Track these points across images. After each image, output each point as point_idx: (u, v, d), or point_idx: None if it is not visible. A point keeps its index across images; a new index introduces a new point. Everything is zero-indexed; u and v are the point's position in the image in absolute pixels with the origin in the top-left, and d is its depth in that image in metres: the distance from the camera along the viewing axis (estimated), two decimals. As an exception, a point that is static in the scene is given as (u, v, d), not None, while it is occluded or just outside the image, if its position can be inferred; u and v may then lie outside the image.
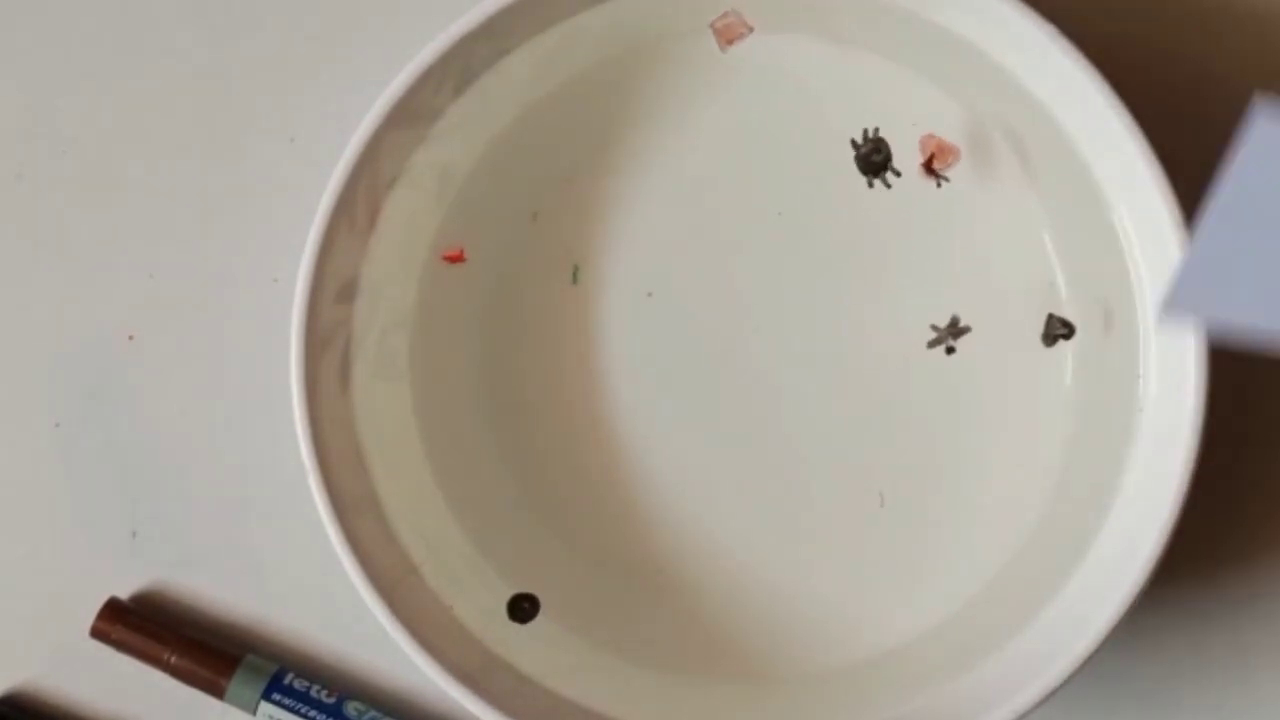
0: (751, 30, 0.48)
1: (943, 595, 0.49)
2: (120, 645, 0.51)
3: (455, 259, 0.50)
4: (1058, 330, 0.47)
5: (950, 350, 0.47)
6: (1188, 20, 0.50)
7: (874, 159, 0.47)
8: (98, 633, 0.51)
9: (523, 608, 0.49)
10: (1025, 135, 0.48)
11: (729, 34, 0.47)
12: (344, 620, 0.51)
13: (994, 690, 0.46)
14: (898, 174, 0.47)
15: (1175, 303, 0.35)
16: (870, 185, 0.47)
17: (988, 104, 0.49)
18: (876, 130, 0.48)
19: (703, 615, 0.50)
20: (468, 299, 0.50)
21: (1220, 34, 0.50)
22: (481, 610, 0.49)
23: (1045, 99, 0.47)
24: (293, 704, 0.50)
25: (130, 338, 0.52)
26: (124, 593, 0.52)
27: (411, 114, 0.47)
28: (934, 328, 0.47)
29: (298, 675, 0.51)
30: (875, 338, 0.50)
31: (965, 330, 0.47)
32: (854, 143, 0.47)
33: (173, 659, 0.51)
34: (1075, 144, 0.47)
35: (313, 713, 0.50)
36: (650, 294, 0.50)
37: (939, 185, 0.49)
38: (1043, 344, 0.48)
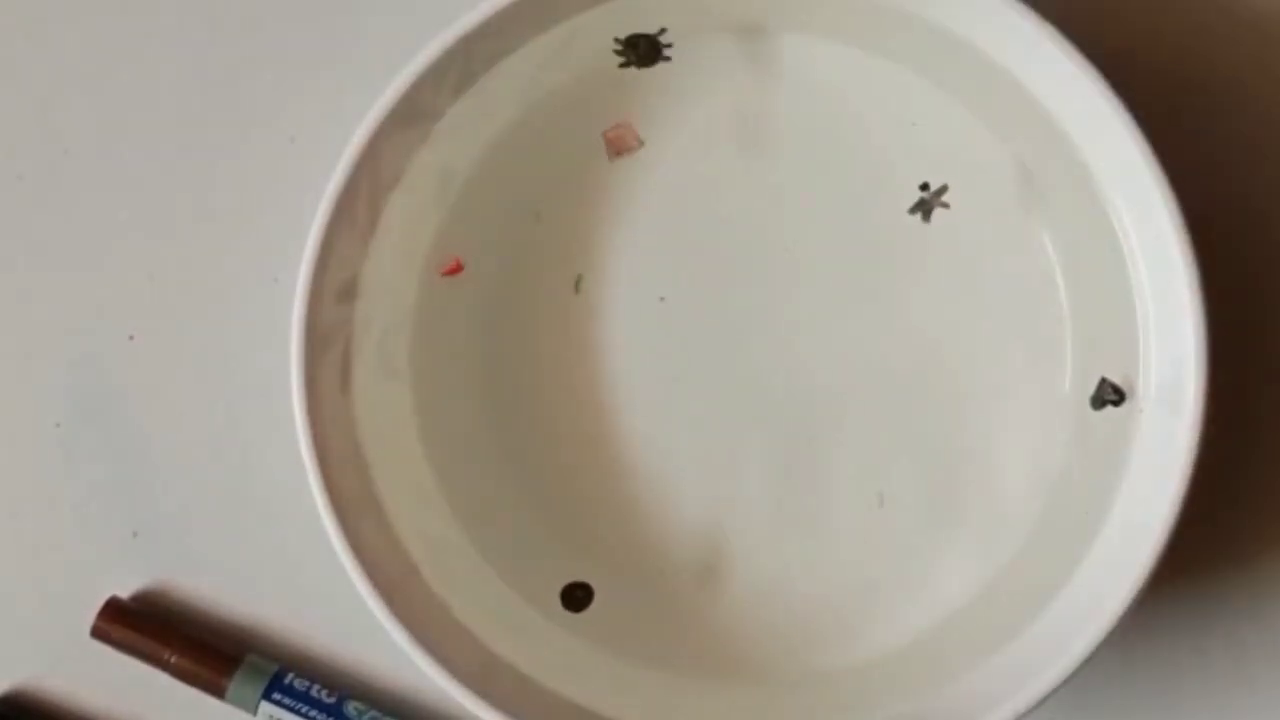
0: (641, 145, 0.49)
1: (942, 595, 0.49)
2: (120, 645, 0.51)
3: (453, 272, 0.50)
4: (1108, 395, 0.47)
5: (928, 214, 0.47)
6: (1189, 20, 0.50)
7: (640, 43, 0.48)
8: (98, 633, 0.51)
9: (576, 596, 0.50)
10: (1031, 148, 0.48)
11: (619, 145, 0.48)
12: (344, 620, 0.51)
13: (993, 691, 0.46)
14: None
15: None
16: None
17: (1000, 117, 0.49)
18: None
19: (703, 615, 0.50)
20: (469, 299, 0.50)
21: (1221, 34, 0.50)
22: (481, 610, 0.49)
23: (1051, 106, 0.47)
24: (293, 704, 0.50)
25: (130, 338, 0.52)
26: (124, 593, 0.52)
27: (411, 114, 0.47)
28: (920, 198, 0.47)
29: (298, 675, 0.51)
30: (879, 339, 0.50)
31: (943, 190, 0.46)
32: None
33: (173, 659, 0.51)
34: (1077, 149, 0.47)
35: (313, 713, 0.50)
36: (663, 299, 0.50)
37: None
38: (1091, 407, 0.48)
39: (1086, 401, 0.49)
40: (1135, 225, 0.46)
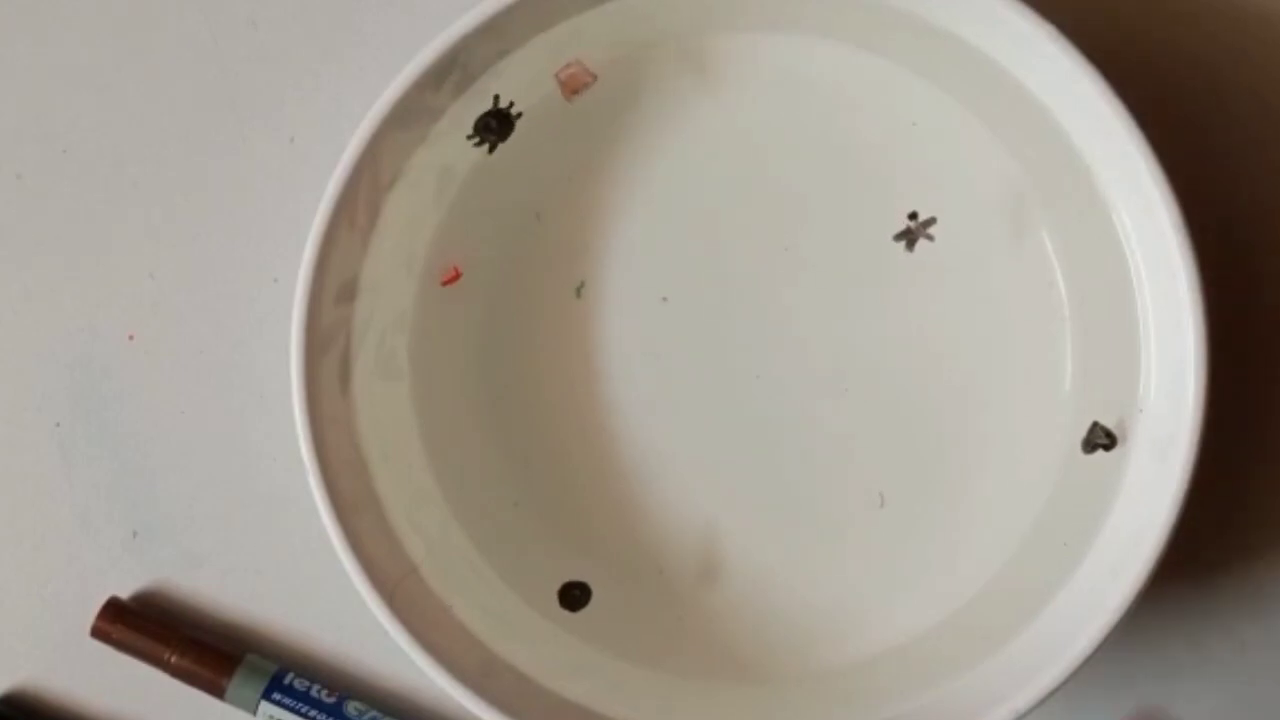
0: (595, 78, 0.48)
1: (943, 595, 0.49)
2: (120, 645, 0.51)
3: (452, 280, 0.50)
4: (1099, 439, 0.47)
5: (912, 245, 0.47)
6: (1189, 20, 0.50)
7: (491, 122, 0.48)
8: (98, 633, 0.51)
9: (573, 595, 0.50)
10: (1031, 148, 0.48)
11: (573, 84, 0.48)
12: (344, 620, 0.51)
13: (994, 690, 0.46)
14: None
15: None
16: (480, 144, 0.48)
17: (995, 111, 0.49)
18: (510, 104, 0.48)
19: (703, 615, 0.50)
20: (469, 299, 0.50)
21: (1222, 34, 0.50)
22: (482, 610, 0.49)
23: (1051, 106, 0.47)
24: (293, 704, 0.50)
25: (130, 338, 0.52)
26: (124, 593, 0.52)
27: (411, 114, 0.47)
28: (907, 229, 0.47)
29: (298, 675, 0.51)
30: (881, 339, 0.50)
31: (931, 220, 0.47)
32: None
33: (173, 659, 0.51)
34: (1078, 149, 0.47)
35: (313, 713, 0.50)
36: (665, 299, 0.50)
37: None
38: (1081, 450, 0.48)
39: (1086, 400, 0.49)
40: (1135, 225, 0.46)
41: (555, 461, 0.50)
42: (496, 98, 0.47)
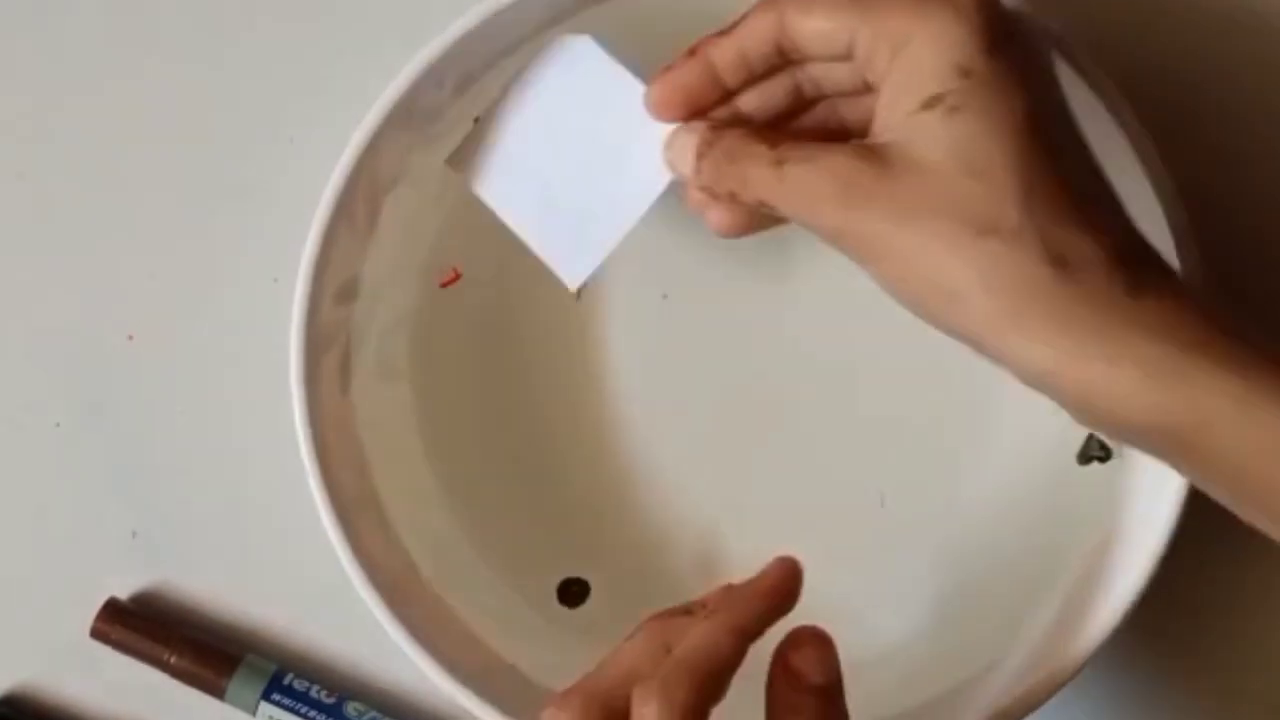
0: None
1: (941, 596, 0.49)
2: (120, 645, 0.51)
3: (451, 282, 0.50)
4: (1094, 452, 0.48)
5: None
6: (1189, 19, 0.50)
7: None
8: (98, 633, 0.51)
9: (572, 591, 0.50)
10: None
11: None
12: (344, 620, 0.51)
13: (993, 691, 0.46)
14: None
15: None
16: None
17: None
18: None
19: (703, 615, 0.50)
20: (469, 298, 0.50)
21: (1222, 34, 0.51)
22: (481, 610, 0.49)
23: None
24: (293, 704, 0.50)
25: (130, 338, 0.52)
26: (124, 593, 0.52)
27: (411, 114, 0.47)
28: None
29: (298, 675, 0.51)
30: (881, 338, 0.50)
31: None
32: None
33: (173, 659, 0.51)
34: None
35: (313, 713, 0.50)
36: (666, 296, 0.50)
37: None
38: (1077, 462, 0.48)
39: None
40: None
41: (555, 461, 0.50)
42: (477, 120, 0.47)
